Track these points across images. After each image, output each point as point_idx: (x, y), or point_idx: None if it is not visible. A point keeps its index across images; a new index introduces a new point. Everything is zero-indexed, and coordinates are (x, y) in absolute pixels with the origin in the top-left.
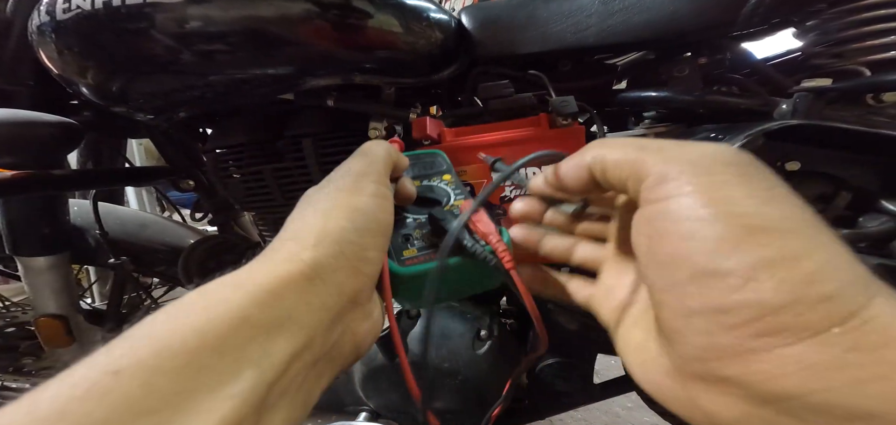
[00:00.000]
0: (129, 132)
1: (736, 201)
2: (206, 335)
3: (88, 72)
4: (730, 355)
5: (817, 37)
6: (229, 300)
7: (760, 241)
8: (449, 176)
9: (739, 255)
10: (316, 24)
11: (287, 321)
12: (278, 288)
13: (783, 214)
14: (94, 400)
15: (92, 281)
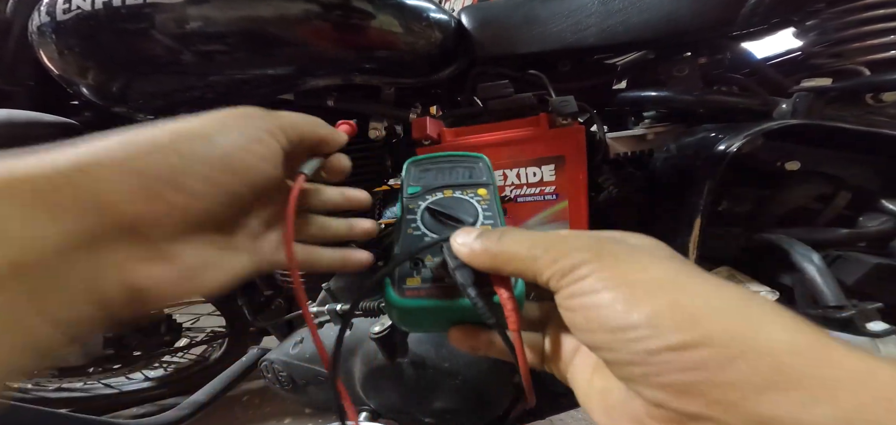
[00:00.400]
0: None
1: (621, 275)
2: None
3: (88, 72)
4: (689, 391)
5: (817, 36)
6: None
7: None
8: (485, 192)
9: (638, 311)
10: (316, 24)
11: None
12: (8, 182)
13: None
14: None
15: None
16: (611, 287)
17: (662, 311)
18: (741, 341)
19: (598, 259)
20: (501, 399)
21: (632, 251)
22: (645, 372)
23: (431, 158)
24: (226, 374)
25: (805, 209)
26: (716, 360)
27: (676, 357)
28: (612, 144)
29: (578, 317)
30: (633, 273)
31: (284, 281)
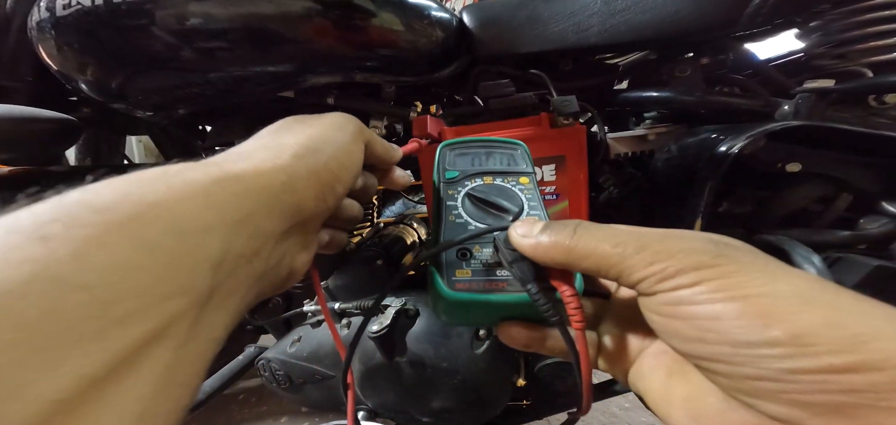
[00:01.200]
0: (129, 129)
1: (742, 285)
2: (164, 211)
3: (88, 68)
4: (840, 412)
5: (820, 37)
6: (196, 182)
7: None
8: (527, 180)
9: (780, 327)
10: (317, 21)
11: (248, 221)
12: (252, 184)
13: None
14: (14, 267)
15: None
16: (733, 298)
17: (810, 330)
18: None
19: (714, 265)
20: (500, 398)
21: (756, 259)
22: (779, 389)
23: (467, 142)
24: (222, 372)
25: (806, 211)
26: (881, 385)
27: (832, 379)
28: (613, 144)
29: (685, 326)
30: (761, 285)
31: None
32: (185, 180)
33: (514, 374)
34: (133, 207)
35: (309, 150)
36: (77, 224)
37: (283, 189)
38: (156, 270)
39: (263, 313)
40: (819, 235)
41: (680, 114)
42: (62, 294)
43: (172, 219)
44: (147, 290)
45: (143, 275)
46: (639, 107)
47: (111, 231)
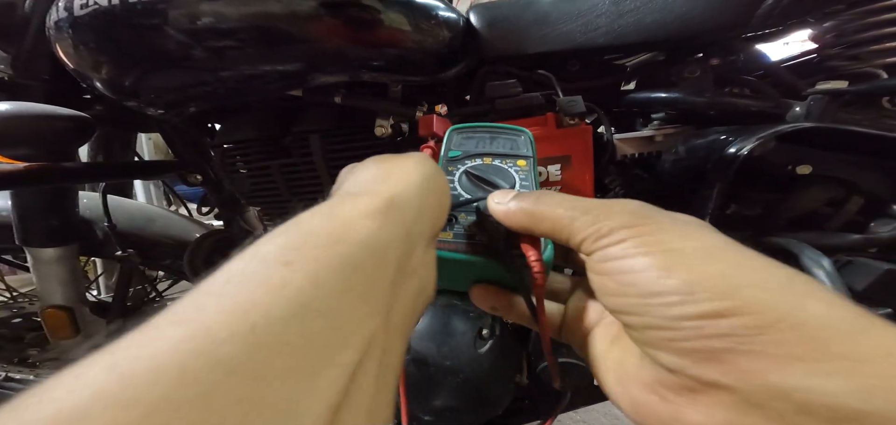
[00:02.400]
0: (140, 126)
1: (658, 242)
2: (362, 234)
3: (103, 66)
4: (713, 358)
5: (834, 38)
6: (373, 207)
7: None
8: (524, 163)
9: (675, 277)
10: (326, 21)
11: (408, 238)
12: (405, 205)
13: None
14: (261, 290)
15: (98, 273)
16: (648, 253)
17: (701, 279)
18: (774, 312)
19: (639, 224)
20: (503, 397)
21: (675, 221)
22: (669, 337)
23: (474, 127)
24: None
25: (816, 213)
26: (746, 329)
27: (707, 324)
28: (620, 145)
29: (610, 281)
30: (674, 241)
31: None
32: (366, 208)
33: (517, 373)
34: (337, 235)
35: (436, 175)
36: (308, 251)
37: (419, 211)
38: (361, 291)
39: None
40: (829, 238)
41: (688, 115)
42: (309, 319)
43: (365, 243)
44: (357, 311)
45: (353, 297)
46: (646, 108)
47: (329, 257)
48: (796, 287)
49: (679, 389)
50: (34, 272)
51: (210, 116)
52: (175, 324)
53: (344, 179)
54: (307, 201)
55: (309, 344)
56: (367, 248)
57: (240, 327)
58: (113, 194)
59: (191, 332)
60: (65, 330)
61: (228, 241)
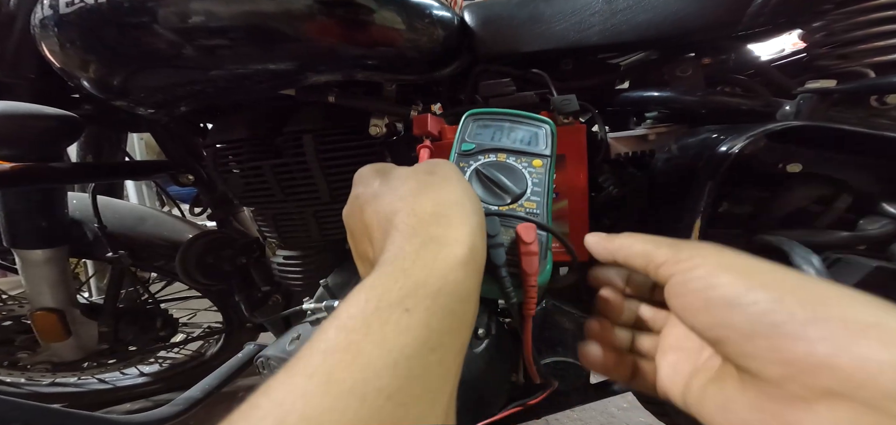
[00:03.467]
0: (130, 126)
1: (738, 262)
2: (452, 286)
3: (90, 65)
4: (820, 365)
5: (823, 38)
6: (459, 258)
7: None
8: (540, 163)
9: (757, 288)
10: (318, 20)
11: (477, 285)
12: (477, 256)
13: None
14: (395, 332)
15: (89, 274)
16: (729, 269)
17: (784, 288)
18: (864, 319)
19: (715, 253)
20: (499, 398)
21: (739, 253)
22: (770, 347)
23: (493, 113)
24: (221, 370)
25: (805, 211)
26: (846, 334)
27: (806, 329)
28: (614, 144)
29: (695, 299)
30: (746, 263)
31: (281, 276)
32: (456, 258)
33: (513, 373)
34: (439, 286)
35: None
36: (421, 301)
37: (483, 252)
38: (456, 330)
39: (263, 311)
40: (819, 236)
41: (681, 114)
42: (428, 355)
43: (457, 292)
44: (454, 346)
45: (453, 336)
46: (640, 106)
47: (436, 306)
48: (856, 297)
49: (790, 402)
50: (23, 274)
51: (202, 116)
52: (341, 357)
53: (375, 186)
54: (300, 201)
55: (430, 375)
56: (458, 296)
57: (387, 362)
58: (103, 195)
59: (360, 365)
60: (55, 333)
61: (221, 242)
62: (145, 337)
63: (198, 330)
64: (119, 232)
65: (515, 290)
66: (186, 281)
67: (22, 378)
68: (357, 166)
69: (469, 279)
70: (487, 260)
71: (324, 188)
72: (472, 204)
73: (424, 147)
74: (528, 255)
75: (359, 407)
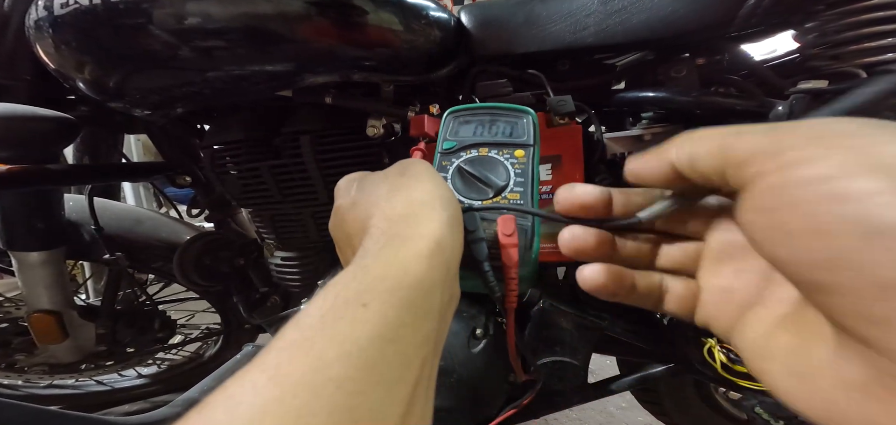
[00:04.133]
0: (126, 127)
1: (874, 152)
2: (414, 279)
3: (85, 67)
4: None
5: (816, 38)
6: (422, 253)
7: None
8: (522, 153)
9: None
10: (315, 21)
11: (448, 276)
12: (446, 247)
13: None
14: (349, 325)
15: (87, 276)
16: (877, 172)
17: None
18: None
19: (822, 139)
20: (497, 397)
21: (864, 124)
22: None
23: (473, 109)
24: (219, 371)
25: None
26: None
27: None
28: (610, 144)
29: (801, 219)
30: (879, 160)
31: (280, 277)
32: (418, 251)
33: (510, 373)
34: (398, 279)
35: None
36: (378, 295)
37: (453, 247)
38: (417, 323)
39: (262, 312)
40: None
41: (676, 114)
42: (384, 346)
43: (419, 284)
44: (415, 337)
45: (412, 329)
46: (635, 107)
47: (394, 299)
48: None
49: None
50: (20, 276)
51: (198, 117)
52: (294, 352)
53: (352, 194)
54: (298, 202)
55: (385, 366)
56: (420, 289)
57: (339, 353)
58: (100, 196)
59: (312, 357)
60: (52, 335)
61: (219, 243)
62: (143, 339)
63: (196, 332)
64: (116, 233)
65: (498, 284)
66: (184, 282)
67: (19, 380)
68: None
69: (433, 271)
70: (469, 254)
71: (321, 189)
72: (442, 200)
73: (418, 149)
74: (507, 248)
75: (309, 397)
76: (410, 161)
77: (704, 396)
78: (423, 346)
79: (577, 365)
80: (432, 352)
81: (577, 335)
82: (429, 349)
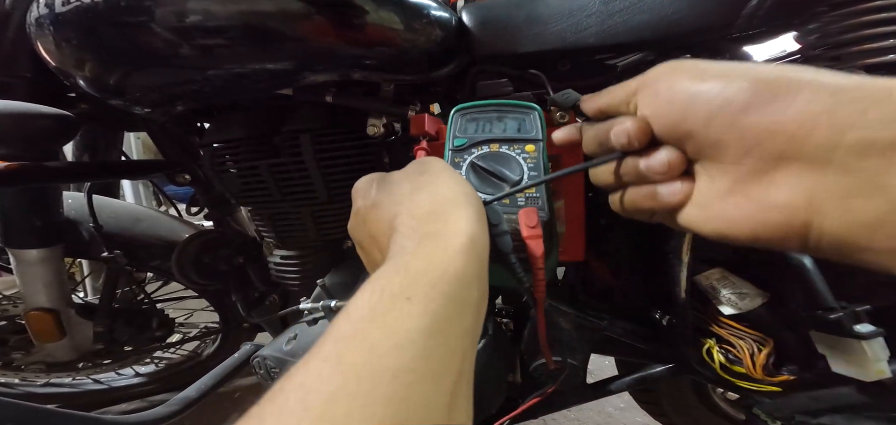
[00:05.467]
0: (126, 125)
1: (689, 66)
2: (453, 276)
3: (86, 64)
4: (774, 131)
5: (817, 39)
6: (461, 248)
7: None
8: (533, 148)
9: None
10: (316, 19)
11: (482, 272)
12: (479, 246)
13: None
14: (397, 318)
15: (85, 274)
16: (685, 72)
17: (733, 77)
18: (816, 85)
19: (674, 63)
20: (496, 397)
21: (696, 60)
22: (736, 135)
23: (479, 106)
24: (217, 371)
25: None
26: (788, 96)
27: (750, 101)
28: None
29: (659, 103)
30: (700, 64)
31: (279, 276)
32: (455, 247)
33: (510, 372)
34: (438, 274)
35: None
36: (421, 289)
37: (484, 243)
38: (457, 318)
39: (260, 310)
40: None
41: None
42: (430, 339)
43: (458, 279)
44: (457, 329)
45: (455, 321)
46: None
47: (436, 293)
48: (801, 67)
49: (753, 177)
50: (17, 274)
51: (198, 115)
52: (351, 343)
53: (372, 195)
54: (298, 201)
55: (433, 357)
56: (459, 283)
57: (392, 345)
58: (99, 194)
59: (367, 347)
60: (50, 333)
61: (218, 242)
62: (141, 338)
63: (194, 331)
64: (115, 231)
65: (526, 275)
66: (182, 281)
67: (16, 378)
68: (355, 166)
69: (469, 266)
70: (495, 248)
71: (321, 188)
72: (466, 196)
73: (421, 148)
74: (533, 239)
75: (370, 386)
76: (427, 159)
77: (702, 397)
78: (464, 338)
79: (576, 366)
80: (471, 346)
81: (576, 335)
82: (469, 342)
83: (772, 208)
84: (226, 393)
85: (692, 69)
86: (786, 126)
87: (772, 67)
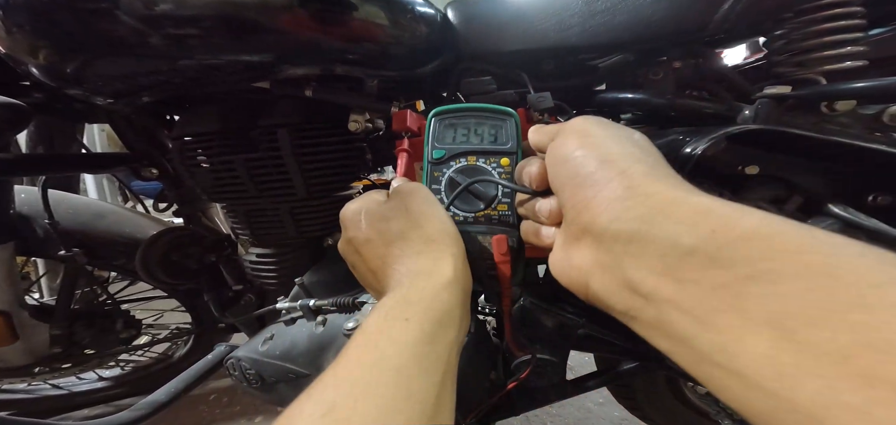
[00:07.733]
0: (86, 116)
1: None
2: (437, 304)
3: (40, 51)
4: (578, 209)
5: (782, 45)
6: (446, 281)
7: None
8: (507, 161)
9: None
10: (297, 11)
11: (465, 299)
12: (460, 277)
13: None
14: (399, 332)
15: (40, 274)
16: (574, 134)
17: (594, 151)
18: (622, 167)
19: (579, 121)
20: (479, 394)
21: (600, 121)
22: (570, 193)
23: (457, 111)
24: (188, 373)
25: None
26: (605, 181)
27: (587, 178)
28: None
29: (551, 158)
30: (590, 127)
31: (255, 274)
32: (441, 284)
33: (491, 371)
34: (429, 303)
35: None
36: (416, 312)
37: (466, 275)
38: (442, 332)
39: (235, 310)
40: None
41: (652, 115)
42: (424, 346)
43: (443, 307)
44: (443, 342)
45: (442, 338)
46: (615, 108)
47: (427, 316)
48: (645, 154)
49: (573, 239)
50: None
51: (167, 106)
52: (364, 349)
53: (363, 229)
54: (275, 197)
55: (426, 359)
56: (445, 309)
57: (395, 350)
58: (57, 189)
59: (378, 351)
60: (1, 337)
61: (187, 239)
62: (104, 340)
63: (164, 332)
64: (73, 228)
65: (495, 293)
66: (148, 280)
67: None
68: (336, 161)
69: (453, 297)
70: (473, 268)
71: (300, 184)
72: (450, 237)
73: (403, 150)
74: (504, 263)
75: (379, 376)
76: (410, 191)
77: (675, 391)
78: (449, 347)
79: (557, 363)
80: (455, 351)
81: (556, 333)
82: (453, 349)
83: (574, 268)
84: (201, 396)
85: (583, 133)
86: (591, 207)
87: (618, 152)
